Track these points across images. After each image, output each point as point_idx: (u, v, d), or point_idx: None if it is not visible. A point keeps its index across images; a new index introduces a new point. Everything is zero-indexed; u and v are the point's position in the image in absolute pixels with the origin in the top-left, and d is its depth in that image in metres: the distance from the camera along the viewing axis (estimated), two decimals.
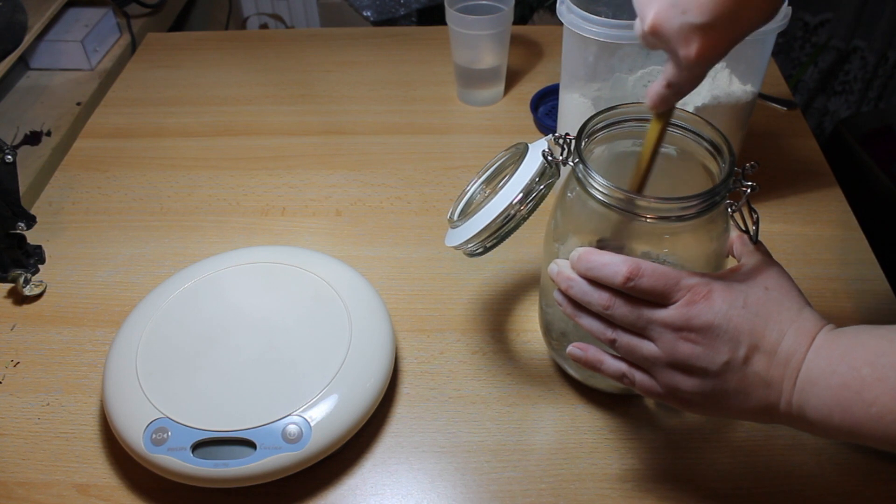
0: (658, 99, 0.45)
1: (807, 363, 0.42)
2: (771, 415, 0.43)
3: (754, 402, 0.43)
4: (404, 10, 1.62)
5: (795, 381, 0.42)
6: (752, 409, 0.43)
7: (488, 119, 0.90)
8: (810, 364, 0.42)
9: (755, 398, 0.43)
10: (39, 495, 0.54)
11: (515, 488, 0.54)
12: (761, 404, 0.43)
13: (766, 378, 0.42)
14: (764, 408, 0.43)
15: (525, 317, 0.66)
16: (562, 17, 0.65)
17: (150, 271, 0.72)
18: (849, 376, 0.40)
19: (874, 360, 0.40)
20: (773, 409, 0.43)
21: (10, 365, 0.63)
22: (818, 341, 0.42)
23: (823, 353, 0.42)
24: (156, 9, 1.24)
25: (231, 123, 0.91)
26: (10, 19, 0.65)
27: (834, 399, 0.40)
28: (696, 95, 0.67)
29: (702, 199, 0.45)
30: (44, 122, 0.97)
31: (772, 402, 0.43)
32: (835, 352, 0.41)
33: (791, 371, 0.42)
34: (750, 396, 0.43)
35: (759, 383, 0.42)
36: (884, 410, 0.38)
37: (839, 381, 0.40)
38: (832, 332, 0.43)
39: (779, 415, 0.43)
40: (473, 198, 0.57)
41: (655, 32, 0.42)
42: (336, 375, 0.55)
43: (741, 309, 0.43)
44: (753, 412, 0.44)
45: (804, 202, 0.76)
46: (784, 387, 0.42)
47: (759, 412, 0.43)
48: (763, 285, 0.44)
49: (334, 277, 0.62)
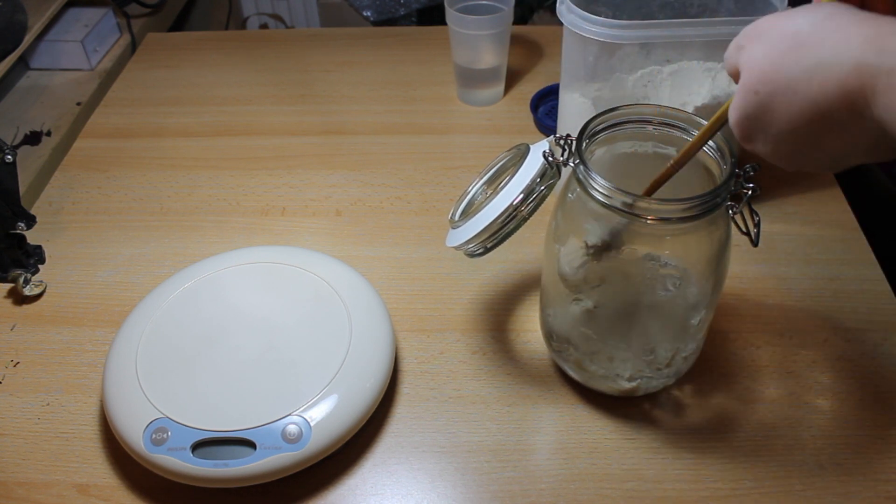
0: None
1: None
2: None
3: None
4: (404, 10, 1.62)
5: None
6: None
7: (488, 119, 0.90)
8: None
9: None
10: (39, 495, 0.54)
11: (515, 488, 0.54)
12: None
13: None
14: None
15: (525, 317, 0.66)
16: (562, 17, 0.65)
17: (150, 271, 0.72)
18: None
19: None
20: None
21: (10, 365, 0.63)
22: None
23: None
24: (156, 9, 1.24)
25: (231, 123, 0.91)
26: (10, 19, 0.65)
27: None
28: (697, 96, 0.67)
29: (703, 201, 0.45)
30: (44, 122, 0.97)
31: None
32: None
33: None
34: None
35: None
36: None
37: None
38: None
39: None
40: (475, 198, 0.57)
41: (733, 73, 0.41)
42: (336, 375, 0.55)
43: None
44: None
45: (804, 202, 0.76)
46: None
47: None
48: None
49: (334, 277, 0.62)
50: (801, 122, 0.37)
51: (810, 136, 0.38)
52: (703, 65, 0.67)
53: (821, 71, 0.36)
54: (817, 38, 0.36)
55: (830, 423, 0.57)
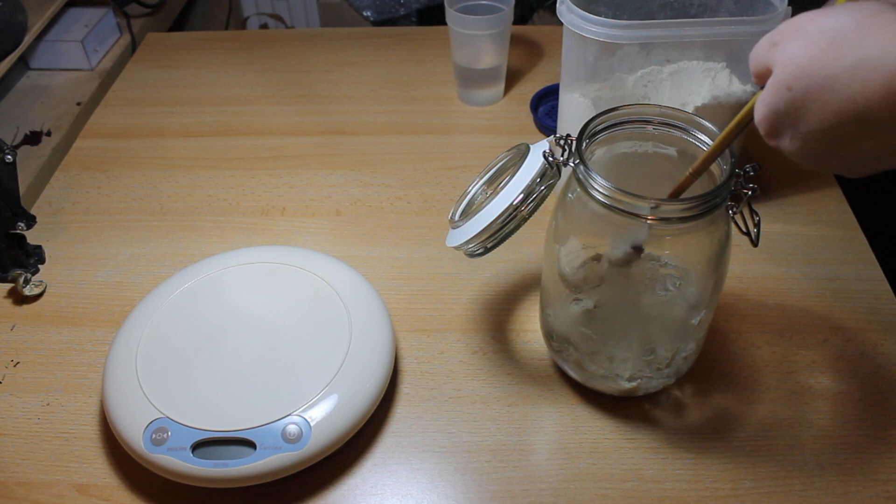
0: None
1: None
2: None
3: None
4: (404, 10, 1.62)
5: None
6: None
7: (488, 119, 0.90)
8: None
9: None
10: (39, 495, 0.54)
11: (515, 488, 0.54)
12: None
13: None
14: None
15: (525, 317, 0.66)
16: (562, 17, 0.65)
17: (150, 271, 0.72)
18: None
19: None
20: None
21: (10, 365, 0.63)
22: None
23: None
24: (156, 9, 1.24)
25: (231, 123, 0.91)
26: (10, 19, 0.65)
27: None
28: (697, 96, 0.67)
29: (703, 201, 0.45)
30: (44, 122, 0.97)
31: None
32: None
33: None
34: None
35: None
36: None
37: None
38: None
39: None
40: (475, 198, 0.57)
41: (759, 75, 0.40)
42: (336, 375, 0.55)
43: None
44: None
45: (804, 202, 0.76)
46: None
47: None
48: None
49: (334, 277, 0.62)
50: (836, 121, 0.37)
51: (843, 136, 0.37)
52: (703, 65, 0.67)
53: (862, 70, 0.35)
54: (859, 35, 0.35)
55: (830, 423, 0.57)
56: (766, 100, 0.39)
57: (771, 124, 0.40)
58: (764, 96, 0.39)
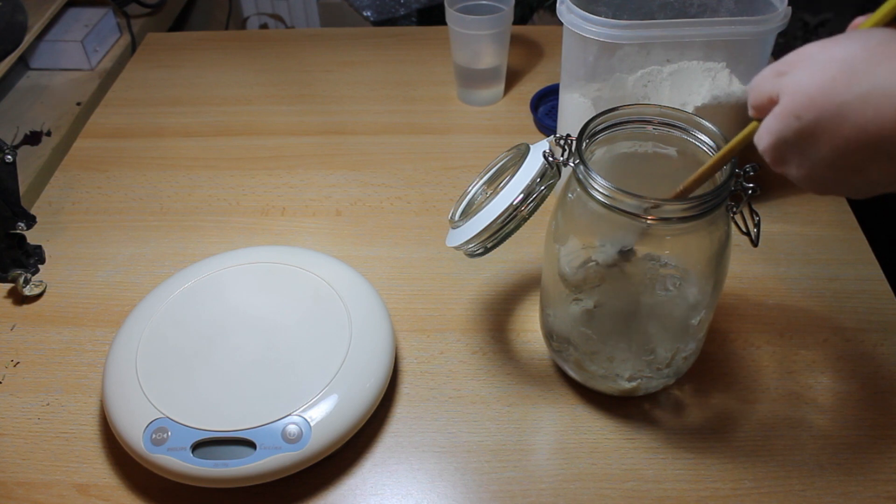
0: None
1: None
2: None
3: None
4: (404, 10, 1.62)
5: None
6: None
7: (488, 119, 0.90)
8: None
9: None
10: (39, 495, 0.54)
11: (515, 488, 0.54)
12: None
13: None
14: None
15: (525, 317, 0.66)
16: (562, 17, 0.65)
17: (150, 271, 0.72)
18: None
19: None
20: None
21: (10, 365, 0.63)
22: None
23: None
24: (156, 9, 1.24)
25: (231, 123, 0.91)
26: (10, 19, 0.65)
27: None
28: (697, 96, 0.67)
29: (703, 201, 0.45)
30: (44, 122, 0.97)
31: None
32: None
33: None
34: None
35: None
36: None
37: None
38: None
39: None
40: (475, 198, 0.57)
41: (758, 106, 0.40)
42: (336, 375, 0.55)
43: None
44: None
45: (804, 202, 0.76)
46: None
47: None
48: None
49: (334, 277, 0.62)
50: (846, 149, 0.36)
51: (854, 164, 0.37)
52: (703, 65, 0.67)
53: (875, 97, 0.35)
54: (871, 63, 0.35)
55: (830, 423, 0.57)
56: (772, 128, 0.39)
57: (778, 153, 0.39)
58: (770, 125, 0.39)
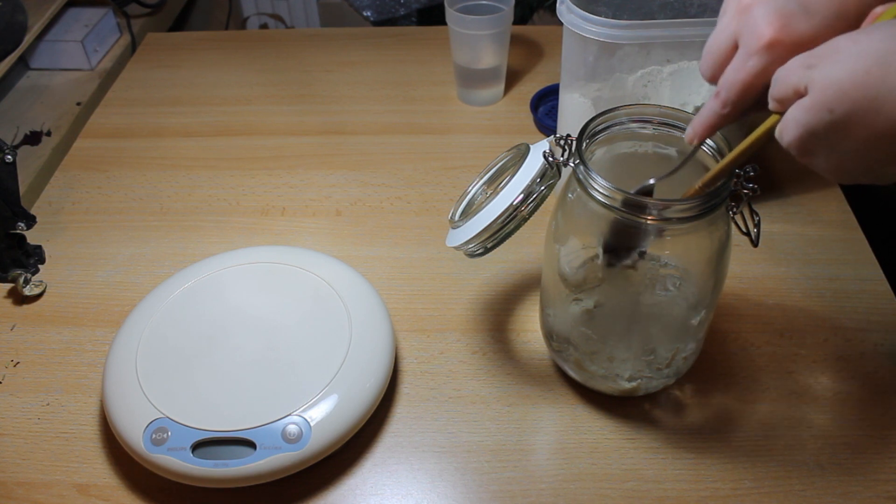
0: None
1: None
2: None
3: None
4: (404, 10, 1.62)
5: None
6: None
7: (488, 119, 0.90)
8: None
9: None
10: (39, 495, 0.54)
11: (515, 488, 0.54)
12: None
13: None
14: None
15: (525, 317, 0.66)
16: (562, 17, 0.65)
17: (150, 271, 0.72)
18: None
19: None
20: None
21: (10, 365, 0.63)
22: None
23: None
24: (156, 9, 1.24)
25: (231, 123, 0.91)
26: (10, 19, 0.65)
27: None
28: (697, 96, 0.67)
29: (703, 201, 0.45)
30: (44, 122, 0.97)
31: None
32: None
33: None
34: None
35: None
36: None
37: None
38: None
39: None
40: (475, 198, 0.57)
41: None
42: (336, 375, 0.55)
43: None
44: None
45: (804, 202, 0.76)
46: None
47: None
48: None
49: (334, 277, 0.62)
50: (879, 141, 0.36)
51: (884, 156, 0.37)
52: None
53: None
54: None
55: (830, 423, 0.57)
56: (801, 121, 0.38)
57: (806, 146, 0.39)
58: (798, 117, 0.38)
